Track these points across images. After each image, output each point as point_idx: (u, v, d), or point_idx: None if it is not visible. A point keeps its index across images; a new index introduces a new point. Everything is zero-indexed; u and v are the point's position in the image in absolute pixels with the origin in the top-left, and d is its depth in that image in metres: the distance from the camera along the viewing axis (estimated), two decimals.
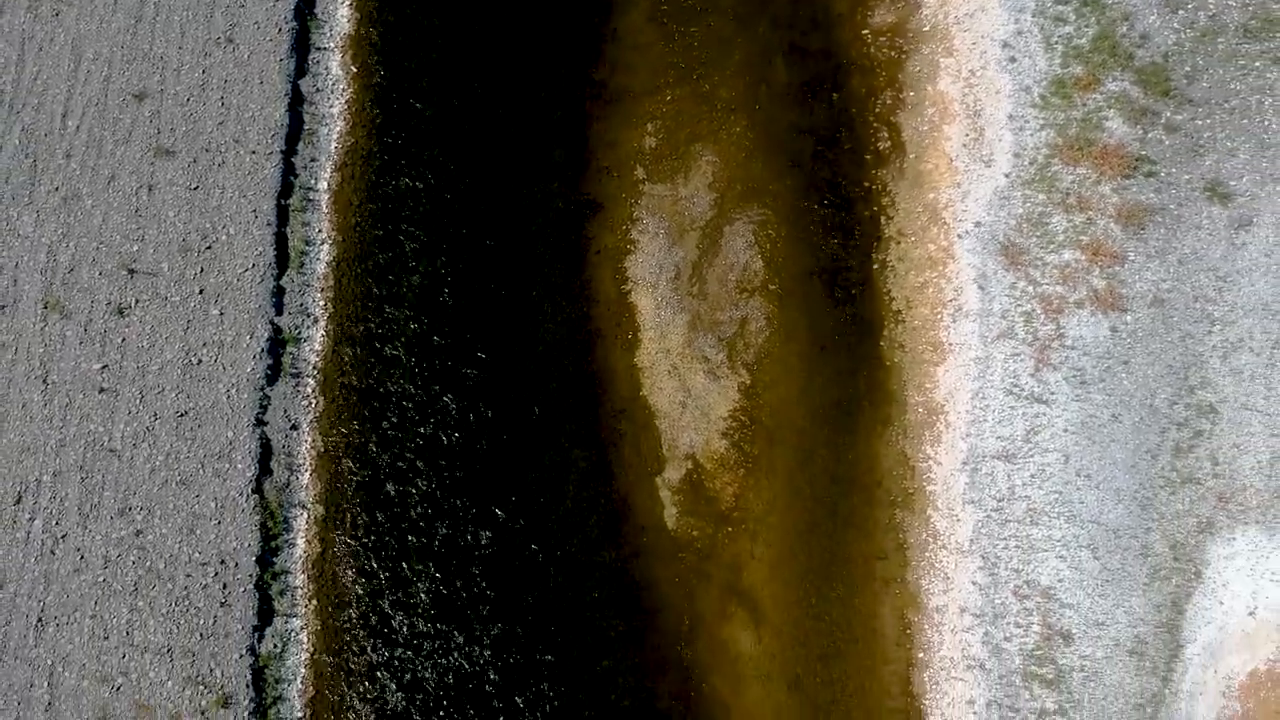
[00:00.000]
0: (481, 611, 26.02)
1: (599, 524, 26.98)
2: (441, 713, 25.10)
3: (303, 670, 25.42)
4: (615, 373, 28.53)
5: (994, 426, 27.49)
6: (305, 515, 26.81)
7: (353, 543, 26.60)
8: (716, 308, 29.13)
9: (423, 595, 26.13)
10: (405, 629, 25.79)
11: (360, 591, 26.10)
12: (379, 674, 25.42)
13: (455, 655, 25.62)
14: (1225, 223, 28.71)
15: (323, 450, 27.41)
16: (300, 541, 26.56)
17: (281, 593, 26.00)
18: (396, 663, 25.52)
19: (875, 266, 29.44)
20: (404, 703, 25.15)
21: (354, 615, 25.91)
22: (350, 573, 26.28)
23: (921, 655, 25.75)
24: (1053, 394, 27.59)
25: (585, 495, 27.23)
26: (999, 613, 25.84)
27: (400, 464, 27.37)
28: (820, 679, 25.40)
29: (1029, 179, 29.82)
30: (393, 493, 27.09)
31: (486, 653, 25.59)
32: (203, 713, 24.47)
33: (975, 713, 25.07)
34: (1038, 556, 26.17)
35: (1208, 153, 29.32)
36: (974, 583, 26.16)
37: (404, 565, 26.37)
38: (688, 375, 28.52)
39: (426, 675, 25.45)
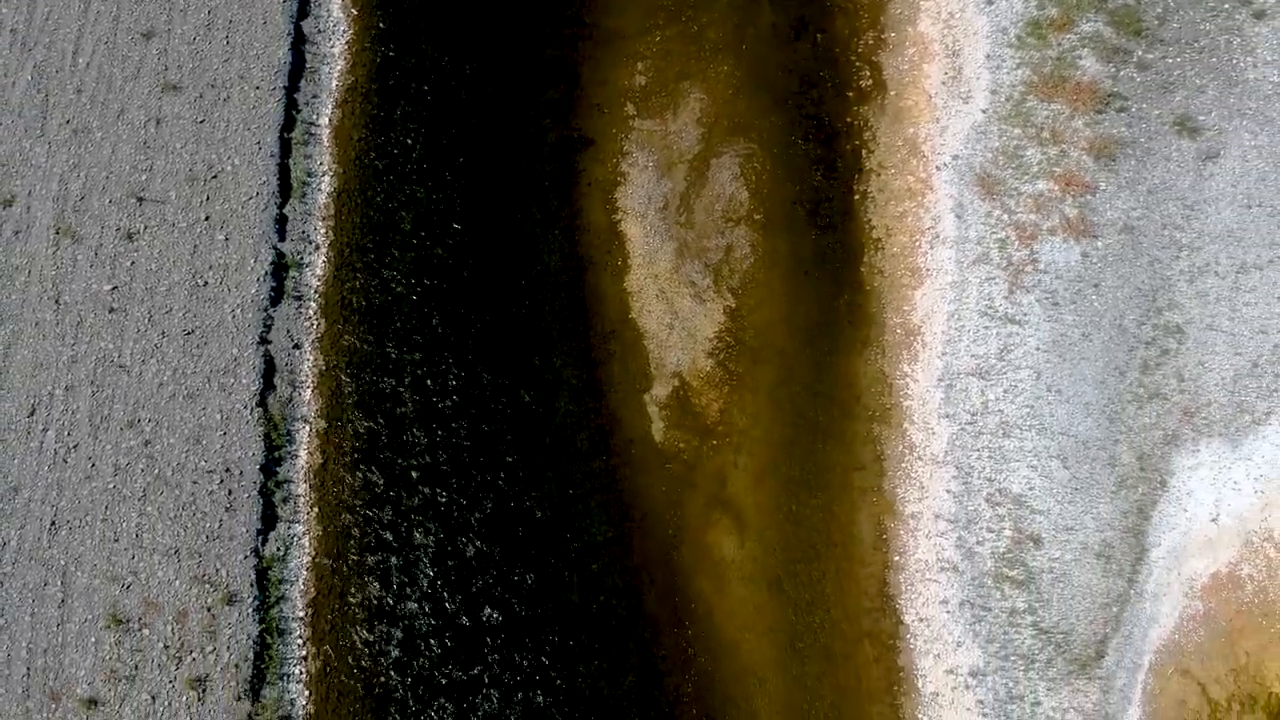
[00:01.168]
0: (474, 520, 27.12)
1: (589, 437, 28.10)
2: (437, 612, 26.20)
3: (304, 572, 26.51)
4: (605, 296, 29.66)
5: (969, 345, 28.62)
6: (307, 429, 27.92)
7: (353, 455, 27.70)
8: (703, 236, 30.25)
9: (419, 504, 27.24)
10: (403, 534, 26.90)
11: (360, 500, 27.20)
12: (378, 577, 26.52)
13: (450, 559, 26.72)
14: (1193, 155, 29.86)
15: (324, 368, 28.52)
16: (302, 453, 27.67)
17: (284, 500, 27.11)
18: (394, 566, 26.62)
19: (856, 197, 30.58)
20: (401, 603, 26.25)
21: (354, 522, 27.01)
22: (350, 482, 27.38)
23: (897, 559, 26.87)
24: (1025, 315, 28.71)
25: (576, 410, 28.36)
26: (971, 519, 26.96)
27: (399, 382, 28.47)
28: (800, 581, 26.51)
29: (1005, 114, 30.95)
30: (392, 409, 28.20)
31: (480, 555, 26.70)
32: (209, 610, 25.57)
33: (949, 612, 26.18)
34: (1009, 466, 27.28)
35: (1177, 89, 30.47)
36: (948, 491, 27.29)
37: (402, 475, 27.48)
38: (675, 299, 29.65)
39: (423, 578, 26.56)
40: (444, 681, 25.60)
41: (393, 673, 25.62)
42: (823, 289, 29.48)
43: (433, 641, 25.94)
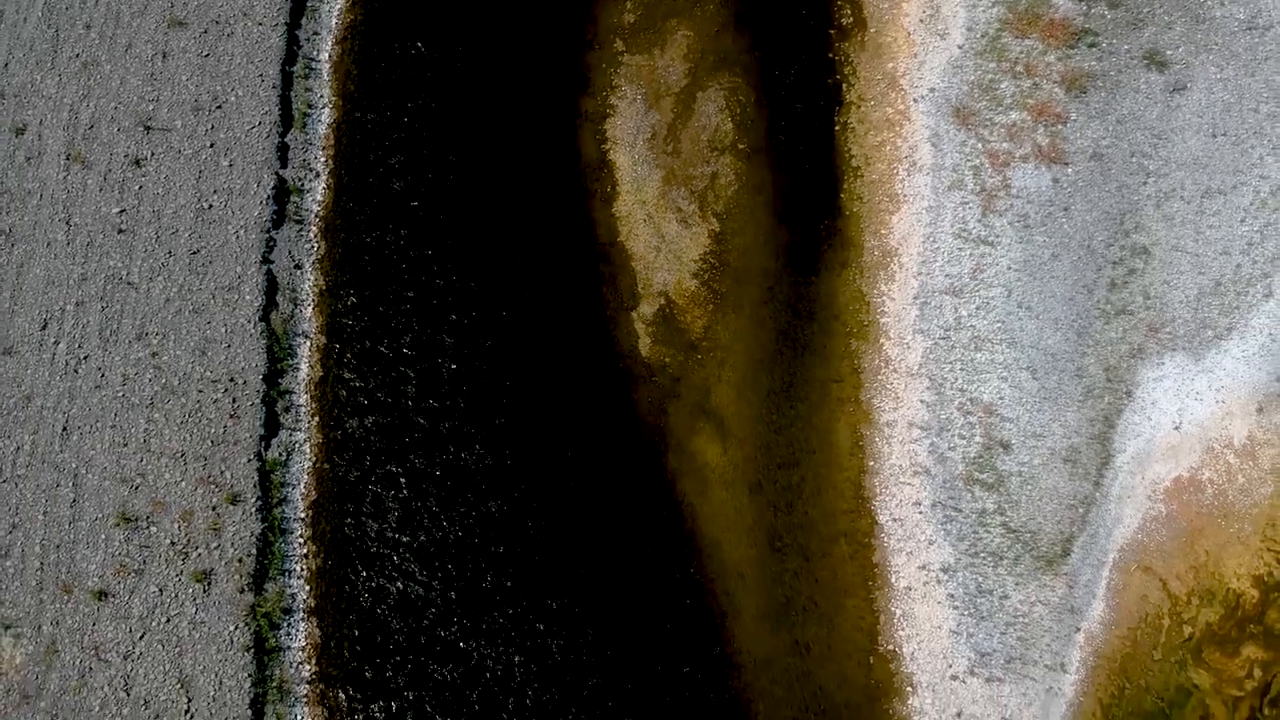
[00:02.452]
0: (468, 429, 28.27)
1: (579, 352, 29.24)
2: (431, 510, 27.35)
3: (305, 476, 27.67)
4: (595, 222, 30.83)
5: (943, 266, 29.78)
6: (308, 343, 29.09)
7: (352, 369, 28.86)
8: (689, 164, 31.42)
9: (418, 417, 28.39)
10: (402, 445, 28.04)
11: (358, 410, 28.35)
12: (375, 481, 27.67)
13: (444, 464, 27.87)
14: (1161, 88, 31.02)
15: (324, 287, 29.68)
16: (304, 366, 28.84)
17: (286, 409, 28.28)
18: (391, 469, 27.78)
19: (837, 128, 31.74)
20: (399, 507, 27.41)
21: (354, 430, 28.17)
22: (350, 394, 28.53)
23: (872, 464, 28.02)
24: (998, 237, 29.88)
25: (566, 327, 29.50)
26: (944, 426, 28.12)
27: (397, 304, 29.63)
28: (779, 484, 27.65)
29: (980, 49, 32.13)
30: (389, 328, 29.35)
31: (474, 459, 27.86)
32: (213, 509, 26.73)
33: (921, 513, 27.34)
34: (981, 377, 28.44)
35: (1146, 25, 31.65)
36: (922, 401, 28.44)
37: (401, 390, 28.64)
38: (662, 223, 30.81)
39: (418, 477, 27.70)
40: (440, 585, 26.76)
41: (390, 572, 26.77)
42: (804, 214, 30.62)
43: (429, 546, 27.08)
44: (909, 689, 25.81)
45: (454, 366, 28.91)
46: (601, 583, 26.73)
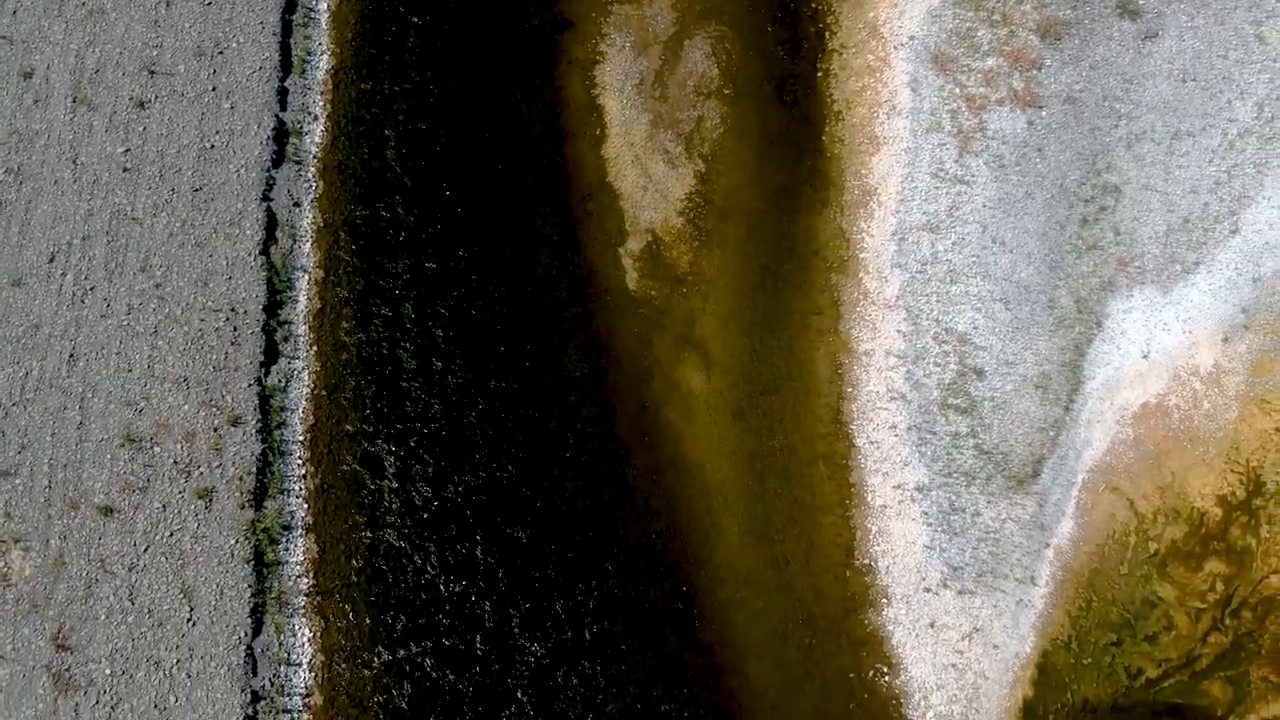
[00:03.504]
0: (462, 361, 29.29)
1: (568, 286, 30.28)
2: (425, 437, 28.37)
3: (304, 402, 28.67)
4: (584, 163, 31.85)
5: (921, 204, 30.79)
6: (306, 277, 30.10)
7: (349, 302, 29.87)
8: (676, 109, 32.44)
9: (412, 347, 29.41)
10: (397, 374, 29.06)
11: (356, 341, 29.35)
12: (371, 406, 28.68)
13: (437, 394, 28.88)
14: (1133, 35, 32.04)
15: (322, 225, 30.70)
16: (302, 298, 29.84)
17: (285, 339, 29.28)
18: (386, 396, 28.78)
19: (819, 74, 32.77)
20: (393, 426, 28.42)
21: (350, 360, 29.17)
22: (347, 326, 29.54)
23: (850, 390, 29.03)
24: (974, 176, 30.90)
25: (556, 263, 30.54)
26: (920, 354, 29.12)
27: (392, 241, 30.65)
28: (760, 410, 28.66)
29: None
30: (385, 264, 30.37)
31: (466, 388, 28.88)
32: (215, 430, 27.73)
33: (897, 436, 28.34)
34: (956, 308, 29.45)
35: None
36: (898, 331, 29.46)
37: (395, 320, 29.65)
38: (649, 164, 31.83)
39: (412, 403, 28.72)
40: (433, 500, 27.77)
41: (386, 491, 27.77)
42: (787, 156, 31.65)
43: (423, 464, 28.09)
44: (884, 601, 26.81)
45: (447, 298, 29.91)
46: (588, 502, 27.72)
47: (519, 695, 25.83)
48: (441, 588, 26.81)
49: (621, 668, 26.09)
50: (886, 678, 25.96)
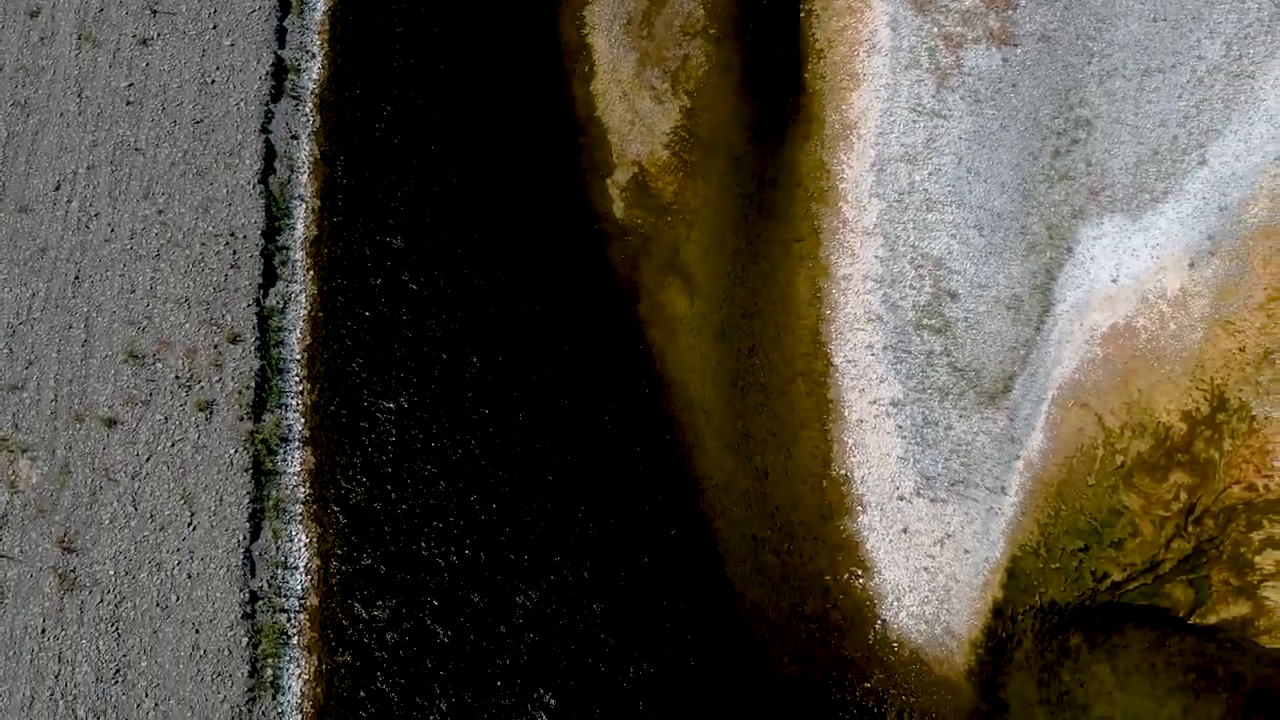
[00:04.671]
0: (453, 282, 30.29)
1: (557, 214, 31.26)
2: (420, 358, 29.39)
3: (301, 323, 29.68)
4: (574, 98, 32.88)
5: (899, 136, 31.80)
6: (304, 206, 31.12)
7: (345, 230, 30.88)
8: (663, 47, 33.45)
9: (407, 269, 30.42)
10: (391, 292, 30.07)
11: (351, 267, 30.38)
12: (366, 327, 29.70)
13: (430, 318, 29.89)
14: None
15: (319, 157, 31.72)
16: (299, 226, 30.87)
17: (283, 264, 30.31)
18: (382, 318, 29.79)
19: (802, 14, 33.79)
20: (388, 348, 29.43)
21: (345, 284, 30.19)
22: (342, 252, 30.56)
23: (829, 313, 30.03)
24: (950, 110, 31.90)
25: (546, 193, 31.52)
26: (896, 278, 30.12)
27: (387, 172, 31.66)
28: (742, 332, 29.67)
29: None
30: (380, 194, 31.38)
31: (458, 303, 29.90)
32: (215, 347, 28.74)
33: (873, 354, 29.33)
34: (932, 235, 30.45)
35: None
36: (876, 256, 30.45)
37: (390, 247, 30.66)
38: (636, 100, 32.85)
39: (408, 325, 29.73)
40: (427, 416, 28.79)
41: (381, 406, 28.78)
42: (770, 93, 32.66)
43: (418, 383, 29.11)
44: (859, 508, 27.81)
45: (441, 226, 30.92)
46: (576, 416, 28.72)
47: (510, 598, 26.83)
48: (435, 501, 27.80)
49: (608, 574, 27.09)
50: (861, 580, 26.95)
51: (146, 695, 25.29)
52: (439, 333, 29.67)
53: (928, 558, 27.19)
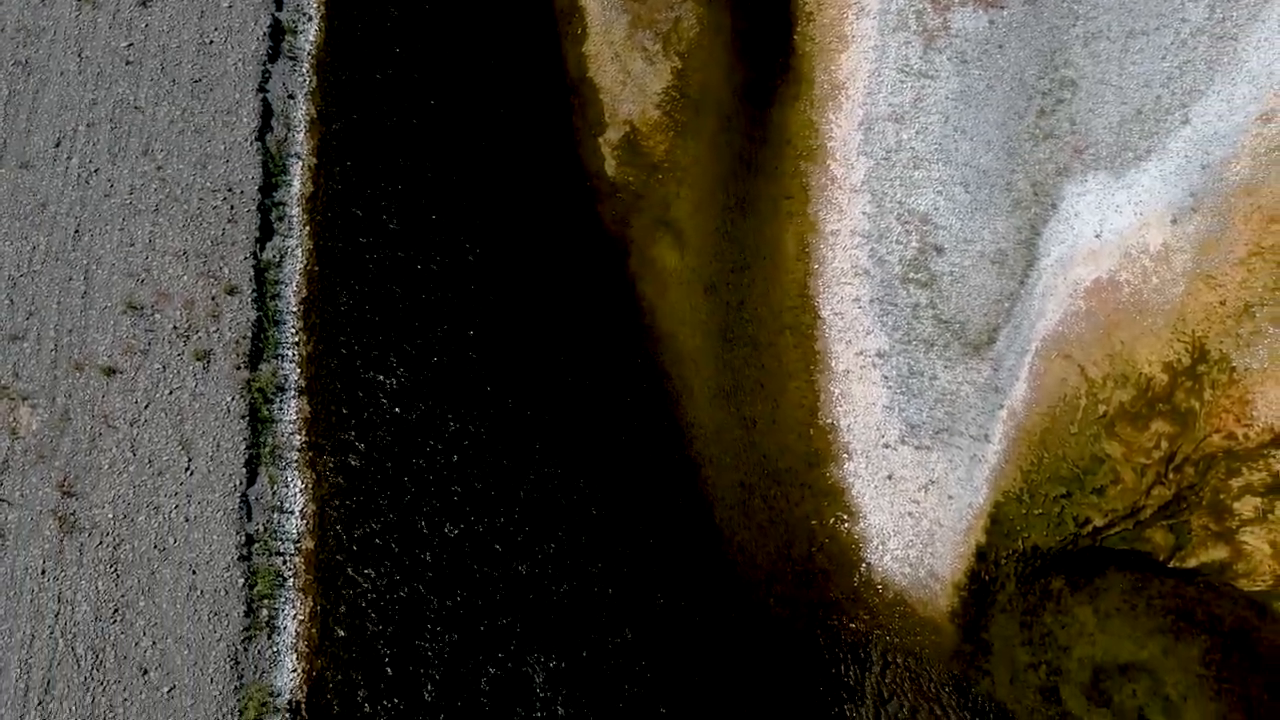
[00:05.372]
0: (441, 239, 30.78)
1: (550, 172, 31.75)
2: (413, 303, 29.86)
3: (297, 276, 30.15)
4: (567, 60, 33.36)
5: (886, 96, 32.28)
6: (300, 163, 31.60)
7: (341, 188, 31.37)
8: (654, 9, 33.93)
9: (402, 227, 30.91)
10: (386, 247, 30.56)
11: (346, 219, 30.86)
12: (362, 283, 30.18)
13: (424, 273, 30.37)
14: None
15: (315, 116, 32.20)
16: (296, 183, 31.34)
17: (279, 219, 30.79)
18: (377, 274, 30.27)
19: None
20: (383, 302, 29.91)
21: (341, 239, 30.67)
22: (338, 210, 31.04)
23: (817, 267, 30.51)
24: (937, 71, 32.37)
25: (539, 151, 32.01)
26: (883, 233, 30.60)
27: (382, 131, 32.14)
28: (731, 285, 30.15)
29: None
30: (375, 153, 31.88)
31: (452, 259, 30.39)
32: (213, 298, 29.21)
33: (860, 307, 29.81)
34: (918, 191, 30.92)
35: None
36: (863, 213, 30.93)
37: (384, 206, 31.15)
38: (628, 61, 33.33)
39: (403, 278, 30.21)
40: (421, 367, 29.26)
41: (375, 357, 29.26)
42: (760, 54, 33.14)
43: (411, 335, 29.59)
44: (845, 456, 28.29)
45: (435, 184, 31.40)
46: (566, 365, 29.19)
47: (502, 542, 27.31)
48: (428, 450, 28.28)
49: (599, 520, 27.57)
50: (847, 524, 27.42)
51: (144, 634, 25.75)
52: (433, 287, 30.14)
53: (912, 503, 27.66)
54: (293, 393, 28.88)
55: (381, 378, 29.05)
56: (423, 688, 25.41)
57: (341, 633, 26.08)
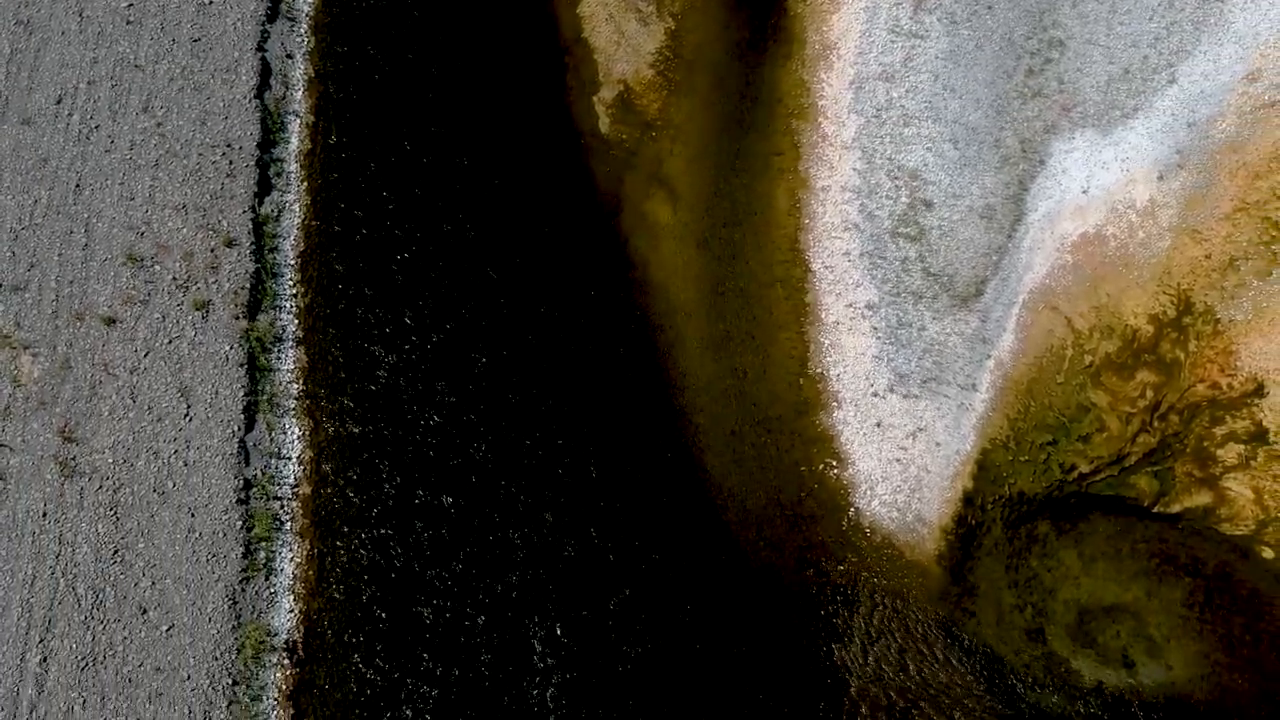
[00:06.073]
0: (436, 196, 31.20)
1: (545, 130, 32.16)
2: (409, 256, 30.28)
3: (295, 230, 30.56)
4: (561, 21, 33.76)
5: (877, 56, 32.69)
6: (298, 121, 32.01)
7: (338, 145, 31.79)
8: None
9: (397, 181, 31.34)
10: (382, 203, 30.98)
11: (343, 176, 31.29)
12: (359, 236, 30.59)
13: (420, 228, 30.80)
14: None
15: (313, 75, 32.61)
16: (294, 140, 31.75)
17: (278, 175, 31.20)
18: (373, 228, 30.69)
19: None
20: (380, 255, 30.33)
21: (338, 195, 31.10)
22: (335, 164, 31.46)
23: (808, 222, 30.92)
24: (927, 31, 32.77)
25: (534, 109, 32.42)
26: (873, 189, 31.01)
27: (379, 89, 32.56)
28: (723, 240, 30.57)
29: None
30: (373, 111, 32.27)
31: (445, 216, 30.82)
32: (212, 250, 29.62)
33: (850, 261, 30.22)
34: (908, 148, 31.33)
35: None
36: (854, 169, 31.35)
37: (381, 160, 31.58)
38: (622, 21, 33.74)
39: (399, 233, 30.65)
40: (417, 318, 29.69)
41: (372, 308, 29.69)
42: (752, 14, 33.54)
43: (408, 288, 30.02)
44: (834, 404, 28.70)
45: (431, 142, 31.82)
46: (562, 316, 29.61)
47: (495, 489, 27.73)
48: (425, 399, 28.70)
49: (592, 465, 27.99)
50: (835, 471, 27.84)
51: (144, 574, 26.16)
52: (429, 241, 30.56)
53: (900, 450, 28.08)
54: (290, 343, 29.29)
55: (377, 330, 29.46)
56: (420, 632, 25.83)
57: (339, 575, 26.49)
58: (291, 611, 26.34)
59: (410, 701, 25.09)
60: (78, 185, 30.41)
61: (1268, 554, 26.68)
